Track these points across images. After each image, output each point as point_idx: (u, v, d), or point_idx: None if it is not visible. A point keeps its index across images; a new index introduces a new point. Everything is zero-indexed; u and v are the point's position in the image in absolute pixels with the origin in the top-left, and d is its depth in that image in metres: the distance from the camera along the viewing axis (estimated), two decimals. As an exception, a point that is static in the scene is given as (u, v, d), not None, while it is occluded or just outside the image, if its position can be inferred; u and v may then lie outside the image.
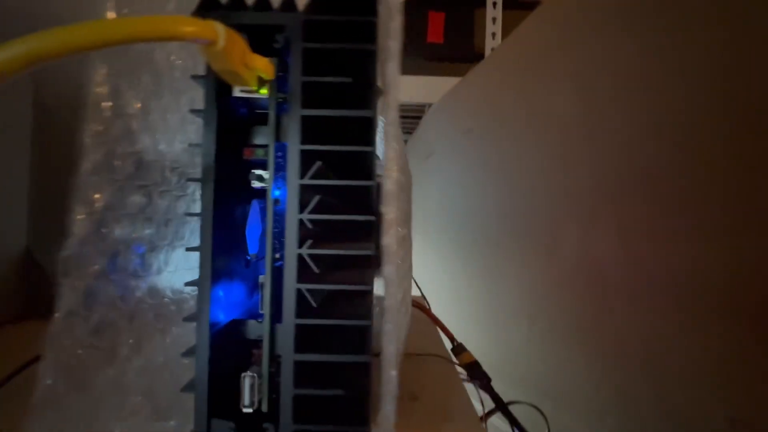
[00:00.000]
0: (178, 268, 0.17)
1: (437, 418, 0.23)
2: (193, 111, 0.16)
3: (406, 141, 1.47)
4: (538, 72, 0.61)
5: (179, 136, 0.16)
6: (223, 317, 0.18)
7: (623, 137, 0.47)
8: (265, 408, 0.16)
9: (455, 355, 0.39)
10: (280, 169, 0.17)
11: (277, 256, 0.17)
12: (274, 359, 0.16)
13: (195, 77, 0.16)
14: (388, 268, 0.13)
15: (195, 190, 0.17)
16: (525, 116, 0.64)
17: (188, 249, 0.16)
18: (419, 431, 0.22)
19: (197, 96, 0.17)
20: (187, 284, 0.16)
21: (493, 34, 0.97)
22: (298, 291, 0.16)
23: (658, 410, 0.49)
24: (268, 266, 0.16)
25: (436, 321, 0.42)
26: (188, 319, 0.16)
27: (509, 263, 0.76)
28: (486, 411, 0.36)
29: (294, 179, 0.16)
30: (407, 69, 1.02)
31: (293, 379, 0.16)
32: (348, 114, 0.16)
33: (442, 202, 1.03)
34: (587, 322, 0.59)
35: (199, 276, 0.16)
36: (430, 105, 1.04)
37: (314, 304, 0.16)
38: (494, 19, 0.96)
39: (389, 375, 0.13)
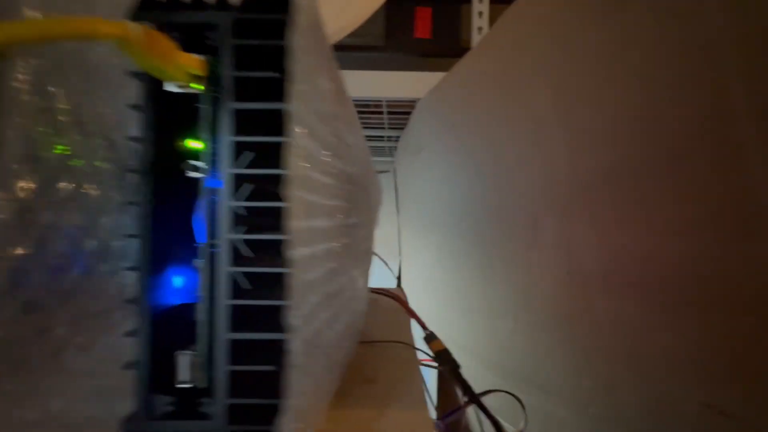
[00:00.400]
0: (123, 255, 0.18)
1: (387, 398, 0.24)
2: (131, 106, 0.17)
3: (398, 137, 1.47)
4: (514, 66, 0.62)
5: (117, 129, 0.17)
6: (176, 300, 0.19)
7: (595, 130, 0.48)
8: (203, 384, 0.17)
9: (427, 344, 0.40)
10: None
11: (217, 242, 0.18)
12: (213, 338, 0.17)
13: (132, 73, 0.17)
14: (297, 250, 0.14)
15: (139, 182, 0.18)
16: (504, 110, 0.65)
17: (127, 236, 0.17)
18: (368, 410, 0.23)
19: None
20: (126, 269, 0.17)
21: (480, 29, 0.97)
22: (231, 274, 0.17)
23: (637, 398, 0.50)
24: (204, 251, 0.17)
25: (410, 311, 0.43)
26: (129, 301, 0.17)
27: (496, 256, 0.77)
28: (466, 399, 0.37)
29: (226, 169, 0.17)
30: (396, 65, 1.02)
31: (227, 357, 0.17)
32: (270, 107, 0.17)
33: (433, 198, 1.04)
34: (568, 313, 0.60)
35: (139, 260, 0.17)
36: (420, 100, 1.05)
37: (248, 287, 0.17)
38: (480, 14, 0.97)
39: (295, 344, 0.14)
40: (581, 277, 0.55)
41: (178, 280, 0.18)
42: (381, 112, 1.21)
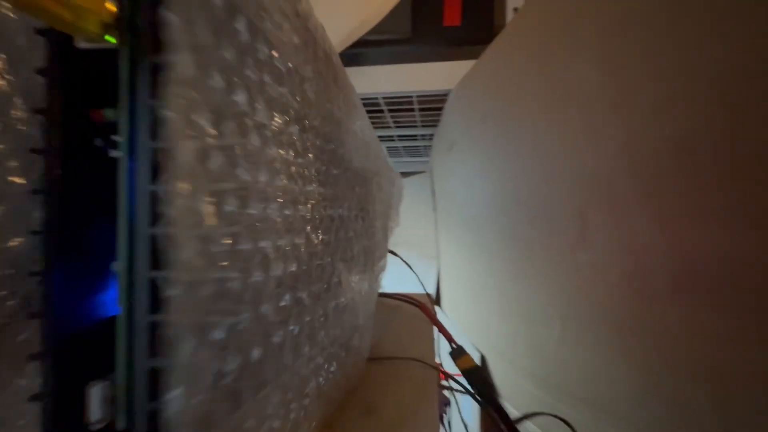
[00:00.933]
0: (25, 256, 0.14)
1: (388, 436, 0.19)
2: (36, 70, 0.14)
3: (432, 136, 1.41)
4: (554, 42, 0.55)
5: (20, 100, 0.14)
6: (96, 314, 0.15)
7: (656, 102, 0.40)
8: (122, 425, 0.13)
9: (454, 360, 0.35)
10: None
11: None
12: (132, 365, 0.13)
13: (37, 30, 0.14)
14: (190, 248, 0.09)
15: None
16: (542, 93, 0.57)
17: (32, 232, 0.13)
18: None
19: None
20: (31, 274, 0.13)
21: (515, 10, 0.90)
22: (152, 280, 0.13)
23: (716, 422, 0.41)
24: (122, 250, 0.14)
25: (435, 321, 0.38)
26: (33, 315, 0.13)
27: (535, 256, 0.69)
28: (503, 426, 0.31)
29: (146, 142, 0.13)
30: (425, 56, 0.97)
31: (148, 390, 0.13)
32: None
33: (465, 197, 0.97)
34: (627, 321, 0.51)
35: (44, 263, 0.13)
36: (450, 92, 0.99)
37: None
38: (516, -6, 0.89)
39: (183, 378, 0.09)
40: (643, 280, 0.47)
41: (97, 289, 0.15)
42: (412, 110, 1.16)
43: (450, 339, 0.36)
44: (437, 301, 1.52)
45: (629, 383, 0.53)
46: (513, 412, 0.86)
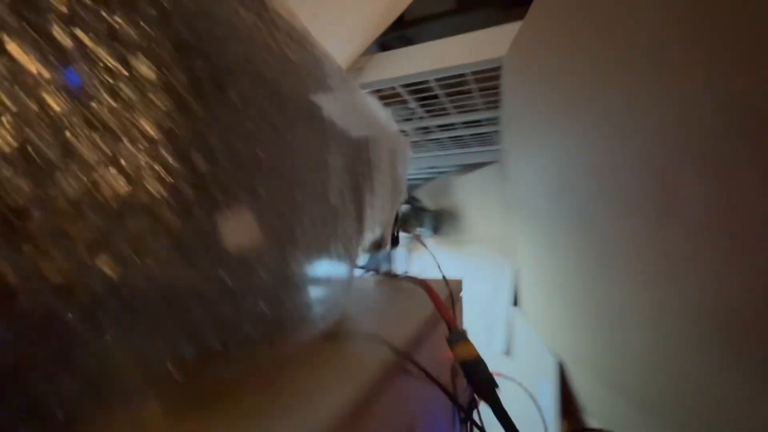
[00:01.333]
0: None
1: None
2: None
3: (496, 119, 1.30)
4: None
5: None
6: None
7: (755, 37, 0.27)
8: None
9: (450, 347, 0.28)
10: None
11: None
12: None
13: None
14: None
15: None
16: (610, 35, 0.46)
17: None
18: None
19: None
20: None
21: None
22: None
23: None
24: None
25: (437, 301, 0.31)
26: None
27: (612, 243, 0.56)
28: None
29: None
30: (473, 25, 0.88)
31: None
32: None
33: (530, 182, 0.85)
34: (747, 323, 0.36)
35: None
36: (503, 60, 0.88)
37: None
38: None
39: None
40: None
41: None
42: (470, 90, 1.08)
43: (451, 324, 0.29)
44: (515, 302, 1.38)
45: (750, 404, 0.39)
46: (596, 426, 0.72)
